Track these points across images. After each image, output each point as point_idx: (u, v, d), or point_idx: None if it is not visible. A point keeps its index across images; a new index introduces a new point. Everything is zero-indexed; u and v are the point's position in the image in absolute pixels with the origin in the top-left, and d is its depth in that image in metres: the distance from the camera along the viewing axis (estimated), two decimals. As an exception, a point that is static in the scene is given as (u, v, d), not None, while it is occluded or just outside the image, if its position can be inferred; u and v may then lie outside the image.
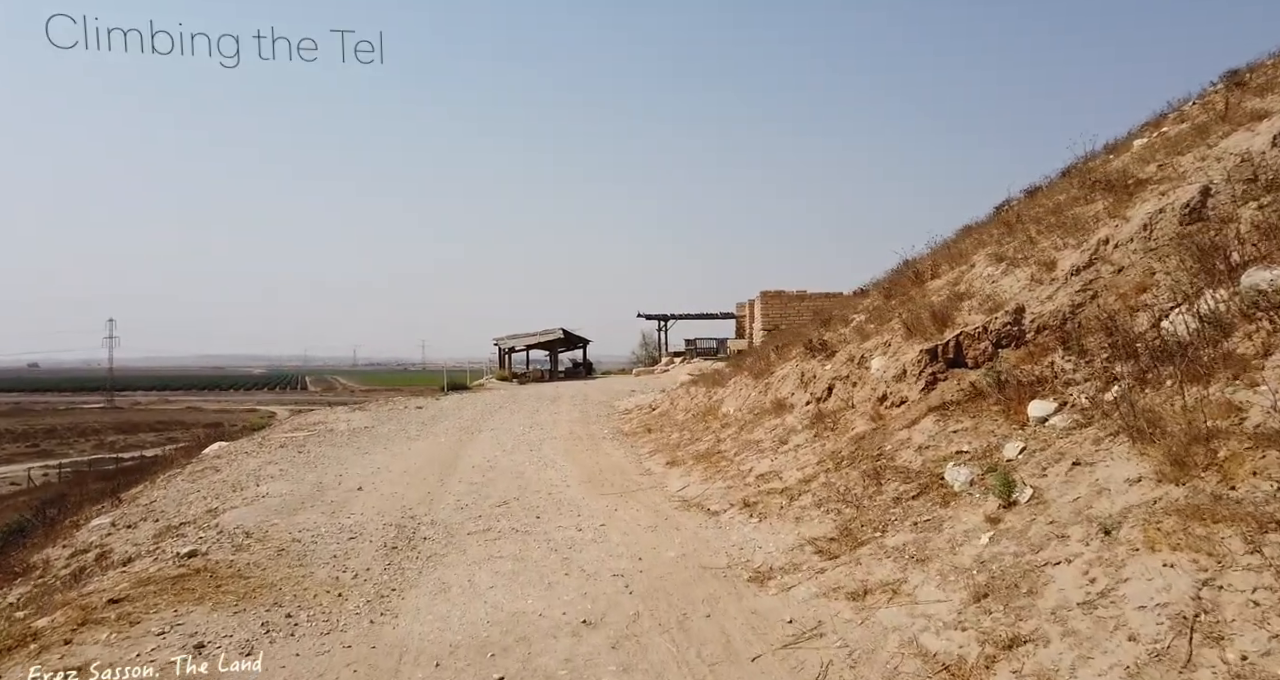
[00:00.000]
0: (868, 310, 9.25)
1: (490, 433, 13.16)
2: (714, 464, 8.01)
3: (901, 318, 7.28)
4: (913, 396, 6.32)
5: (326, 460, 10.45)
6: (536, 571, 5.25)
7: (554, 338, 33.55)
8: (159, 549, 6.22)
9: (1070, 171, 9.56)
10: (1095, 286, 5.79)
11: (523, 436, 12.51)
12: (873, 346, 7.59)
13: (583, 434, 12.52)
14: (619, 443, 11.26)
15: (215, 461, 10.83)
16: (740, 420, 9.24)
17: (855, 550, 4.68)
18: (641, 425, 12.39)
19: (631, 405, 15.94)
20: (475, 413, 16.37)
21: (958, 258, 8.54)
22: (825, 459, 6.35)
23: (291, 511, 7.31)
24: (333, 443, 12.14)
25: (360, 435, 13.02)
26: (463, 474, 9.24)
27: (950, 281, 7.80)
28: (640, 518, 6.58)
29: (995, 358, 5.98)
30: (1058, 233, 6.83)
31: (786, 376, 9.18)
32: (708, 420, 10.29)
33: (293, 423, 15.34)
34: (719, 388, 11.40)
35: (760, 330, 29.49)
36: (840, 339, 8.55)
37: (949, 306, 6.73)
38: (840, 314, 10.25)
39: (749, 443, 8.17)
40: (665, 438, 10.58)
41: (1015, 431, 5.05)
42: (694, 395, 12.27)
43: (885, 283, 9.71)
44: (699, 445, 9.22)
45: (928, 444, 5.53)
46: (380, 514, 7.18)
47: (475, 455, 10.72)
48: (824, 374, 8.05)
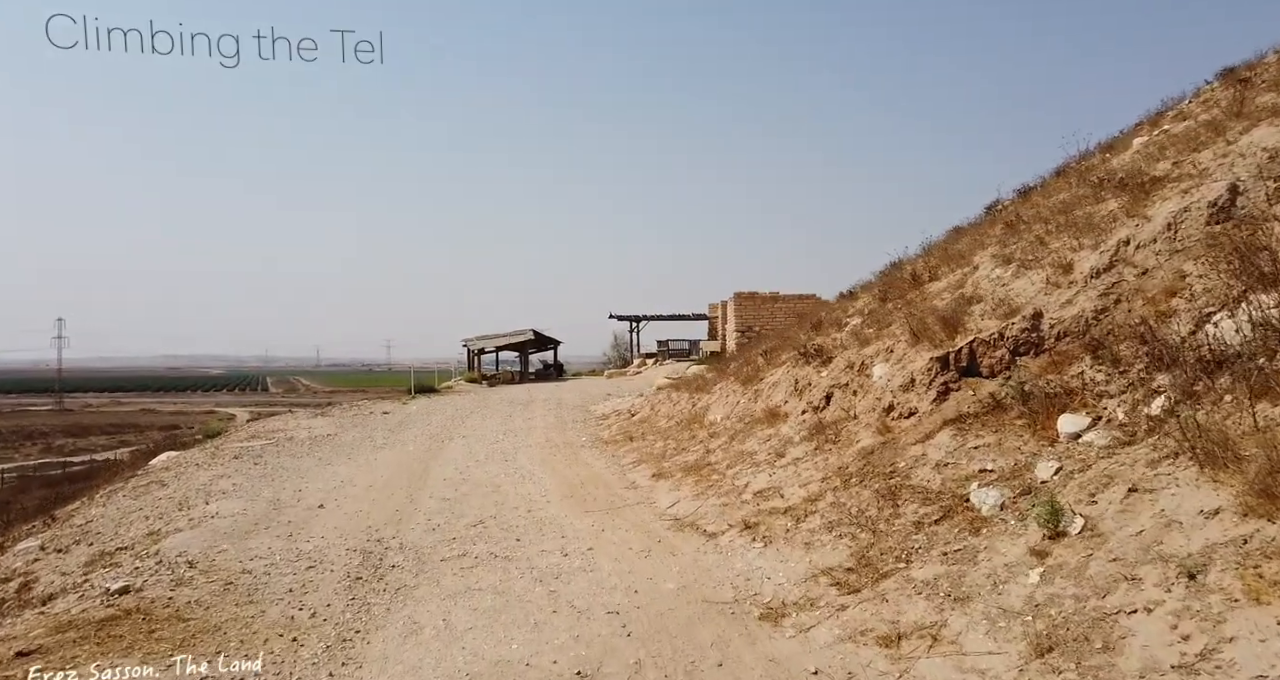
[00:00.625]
0: (862, 313, 8.84)
1: (462, 440, 12.47)
2: (705, 477, 7.50)
3: (905, 322, 6.85)
4: (923, 408, 5.88)
5: (285, 473, 9.68)
6: (520, 608, 4.66)
7: (524, 339, 32.79)
8: (87, 582, 5.47)
9: (1065, 171, 9.28)
10: (1119, 290, 5.42)
11: (496, 445, 11.86)
12: (874, 353, 7.15)
13: (560, 442, 11.92)
14: (599, 452, 10.69)
15: (163, 474, 9.98)
16: (730, 429, 8.75)
17: (878, 583, 4.20)
18: (621, 432, 11.83)
19: (609, 410, 15.37)
20: (445, 418, 15.64)
21: (956, 259, 8.17)
22: (831, 475, 5.88)
23: (243, 535, 6.59)
24: (293, 453, 11.34)
25: (322, 444, 12.22)
26: (434, 488, 8.58)
27: (953, 284, 7.40)
28: (631, 540, 6.03)
29: (1013, 366, 5.57)
30: (1069, 233, 6.47)
31: (778, 383, 8.71)
32: (693, 428, 9.78)
33: (250, 429, 14.44)
34: (703, 394, 10.91)
35: (734, 331, 29.16)
36: (836, 344, 8.11)
37: (958, 311, 6.32)
38: (832, 317, 9.83)
39: (742, 454, 7.68)
40: (649, 447, 10.04)
41: (1045, 449, 4.63)
42: (676, 401, 11.76)
43: (879, 285, 9.32)
44: (687, 456, 8.70)
45: (946, 461, 5.08)
46: (343, 537, 6.51)
47: (446, 466, 10.06)
48: (821, 381, 7.60)
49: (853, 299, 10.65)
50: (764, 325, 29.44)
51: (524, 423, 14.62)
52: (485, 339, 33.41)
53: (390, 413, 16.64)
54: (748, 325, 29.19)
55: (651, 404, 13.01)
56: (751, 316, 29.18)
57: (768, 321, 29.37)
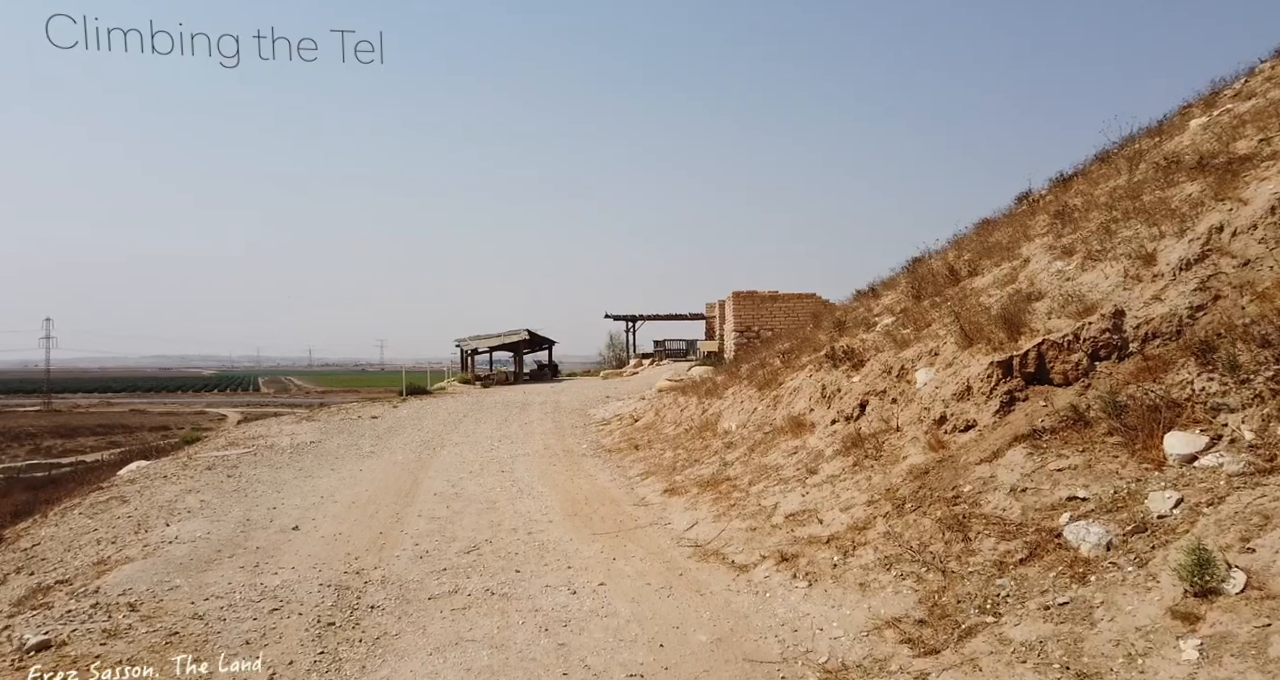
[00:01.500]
0: (892, 312, 8.05)
1: (454, 448, 11.63)
2: (725, 495, 6.69)
3: (954, 322, 6.05)
4: (984, 420, 5.09)
5: (260, 487, 8.82)
6: (523, 669, 3.84)
7: (519, 339, 31.93)
8: (7, 630, 4.60)
9: (1108, 157, 8.52)
10: (1216, 284, 4.64)
11: (491, 453, 11.02)
12: (915, 356, 6.36)
13: (559, 450, 11.10)
14: (602, 461, 9.88)
15: (126, 488, 9.10)
16: (748, 439, 7.94)
17: (962, 642, 3.40)
18: (625, 440, 11.02)
19: (609, 414, 14.55)
20: (437, 423, 14.79)
21: (998, 252, 7.39)
22: (879, 498, 5.08)
23: (202, 566, 5.74)
24: (271, 462, 10.48)
25: (304, 453, 11.35)
26: (423, 505, 7.75)
27: (1001, 279, 6.62)
28: (648, 572, 5.21)
29: (1092, 373, 4.79)
30: (1141, 220, 5.69)
31: (800, 389, 7.92)
32: (705, 437, 8.97)
33: (229, 436, 13.55)
34: (714, 399, 10.10)
35: (732, 331, 28.43)
36: (867, 346, 7.32)
37: (1017, 309, 5.53)
38: (857, 316, 9.04)
39: (765, 469, 6.87)
40: (657, 457, 9.23)
41: (1151, 474, 3.84)
42: (684, 406, 10.95)
43: (909, 281, 8.53)
44: (701, 469, 7.89)
45: (1023, 485, 4.29)
46: (317, 567, 5.67)
47: (437, 478, 9.22)
48: (853, 388, 6.80)
49: (874, 297, 9.86)
50: (763, 325, 28.73)
51: (520, 428, 13.79)
52: (479, 339, 32.54)
53: (379, 417, 15.77)
54: (746, 325, 28.47)
55: (656, 409, 12.20)
56: (750, 316, 28.46)
57: (767, 321, 28.66)
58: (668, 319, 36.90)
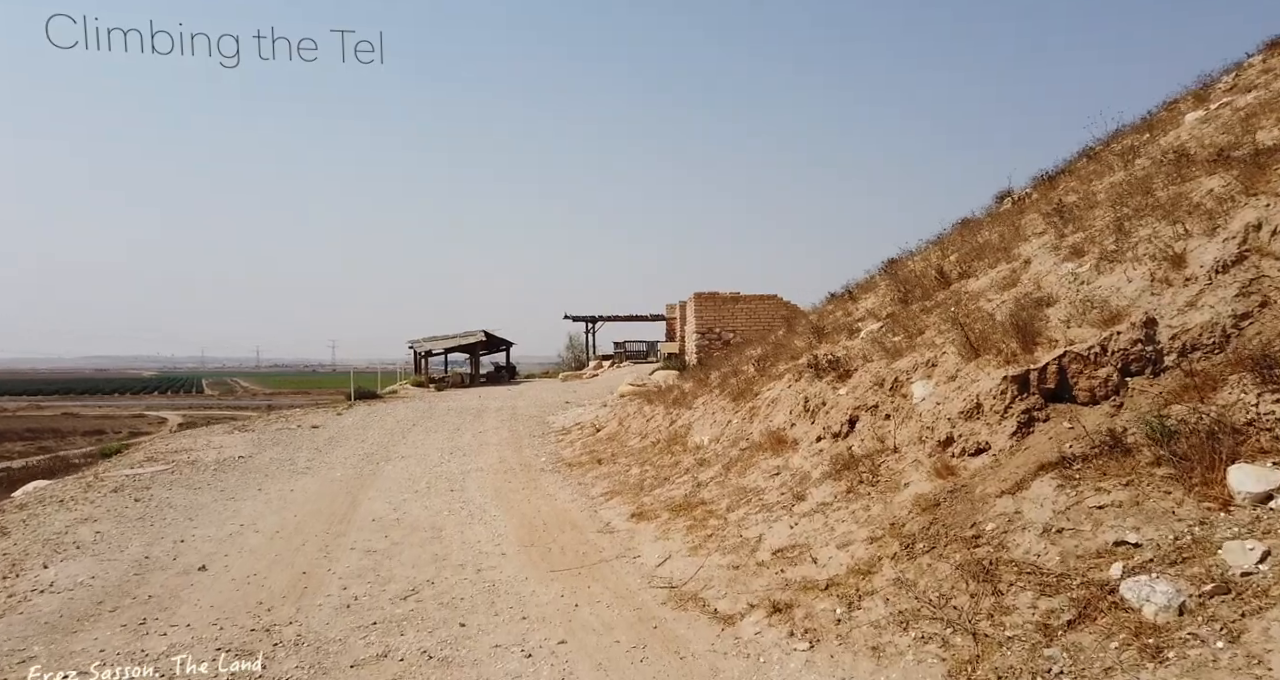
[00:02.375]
0: (877, 317, 7.42)
1: (400, 462, 10.64)
2: (700, 522, 5.94)
3: (954, 329, 5.42)
4: (999, 443, 4.44)
5: (171, 514, 7.72)
6: (460, 777, 3.00)
7: (475, 340, 30.74)
8: None
9: (1097, 154, 8.06)
10: (1261, 288, 4.08)
11: (441, 468, 10.08)
12: (910, 367, 5.71)
13: (515, 463, 10.21)
14: (562, 478, 9.03)
15: (13, 516, 7.87)
16: (722, 456, 7.21)
17: (1016, 738, 2.70)
18: (587, 452, 10.19)
19: (570, 422, 13.69)
20: (383, 433, 13.71)
21: (991, 253, 6.82)
22: (883, 534, 4.38)
23: (73, 625, 4.72)
24: (190, 482, 9.33)
25: (231, 469, 10.21)
26: (358, 535, 6.80)
27: (1000, 282, 6.02)
28: (616, 624, 4.42)
29: (1124, 390, 4.18)
30: (1158, 217, 5.15)
31: (779, 401, 7.22)
32: (675, 452, 8.22)
33: (149, 449, 12.24)
34: (682, 409, 9.36)
35: (694, 333, 27.90)
36: (852, 354, 6.66)
37: (1028, 316, 4.91)
38: (837, 321, 8.41)
39: (744, 492, 6.15)
40: (622, 473, 8.44)
41: (1216, 516, 3.22)
42: (650, 416, 10.18)
43: (891, 284, 7.92)
44: (671, 489, 7.13)
45: (1058, 525, 3.63)
46: (218, 623, 4.71)
47: (378, 500, 8.25)
48: (840, 401, 6.12)
49: (851, 300, 9.27)
50: (725, 327, 28.29)
51: (474, 438, 12.83)
52: (433, 340, 31.25)
53: (320, 427, 14.58)
54: (708, 327, 27.98)
55: (619, 418, 11.40)
56: (712, 318, 27.96)
57: (729, 323, 28.23)
58: (628, 320, 36.16)
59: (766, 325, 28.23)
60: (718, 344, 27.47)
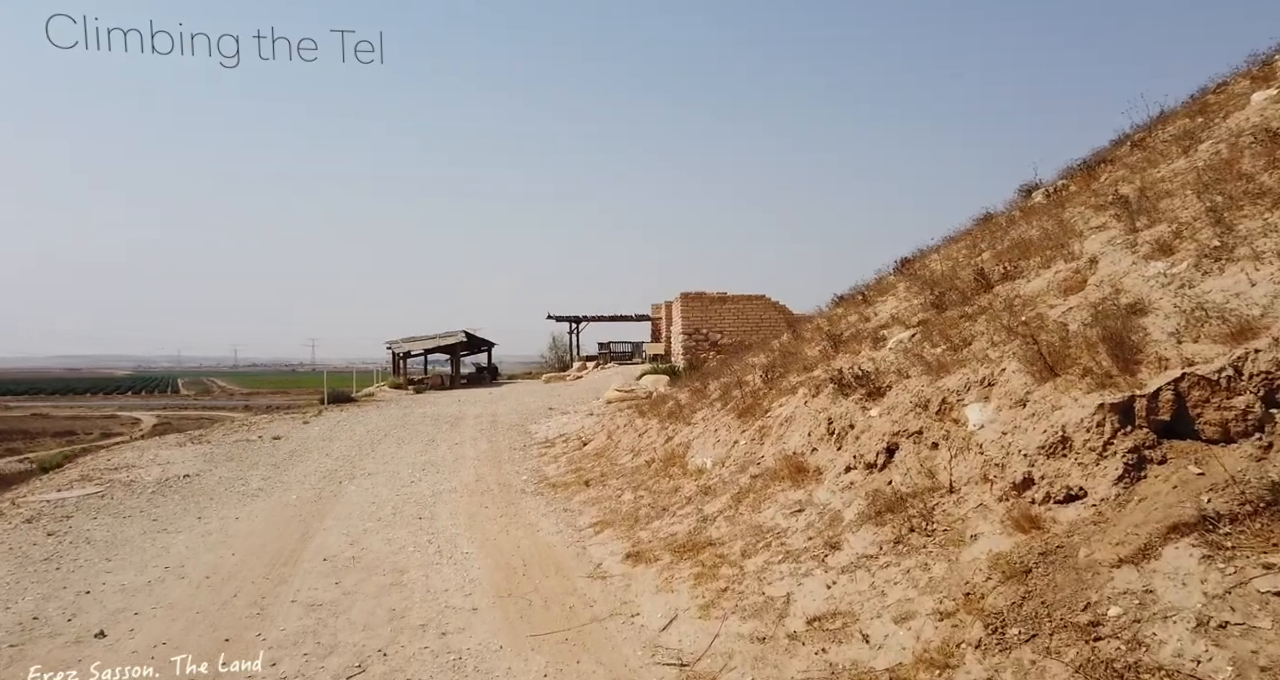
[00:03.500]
0: (904, 323, 6.44)
1: (366, 481, 9.51)
2: (710, 569, 4.92)
3: (1020, 341, 4.44)
4: (1099, 490, 3.47)
5: (86, 552, 6.55)
6: None
7: (455, 341, 29.52)
8: None
9: (1140, 141, 7.16)
10: None
11: (410, 488, 8.97)
12: (960, 385, 4.73)
13: (494, 483, 9.13)
14: (545, 502, 7.97)
15: (-99, 556, 6.65)
16: (730, 484, 6.20)
17: None
18: (573, 470, 9.13)
19: (554, 433, 12.61)
20: (351, 444, 12.54)
21: (1039, 249, 5.87)
22: (956, 608, 3.39)
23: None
24: (119, 509, 8.13)
25: (172, 491, 9.01)
26: (303, 581, 5.70)
27: (1061, 284, 5.06)
28: (613, 727, 3.38)
29: (1272, 426, 3.22)
30: (1265, 204, 4.21)
31: (794, 420, 6.23)
32: (673, 475, 7.19)
33: (87, 466, 10.96)
34: (679, 423, 8.33)
35: (680, 334, 26.98)
36: (882, 368, 5.67)
37: (1120, 326, 3.94)
38: (854, 328, 7.41)
39: (761, 532, 5.14)
40: (613, 499, 7.39)
41: None
42: (643, 430, 9.14)
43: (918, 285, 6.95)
44: (672, 523, 6.10)
45: (1218, 617, 2.66)
46: (99, 725, 3.61)
47: (335, 530, 7.15)
48: (873, 425, 5.13)
49: (865, 303, 8.29)
50: (712, 327, 27.47)
51: (450, 451, 11.72)
52: (412, 341, 29.99)
53: (283, 437, 13.35)
54: (695, 327, 27.12)
55: (608, 430, 10.35)
56: (699, 318, 27.08)
57: (716, 323, 27.42)
58: (612, 320, 35.09)
59: (755, 326, 27.40)
60: (705, 345, 26.59)
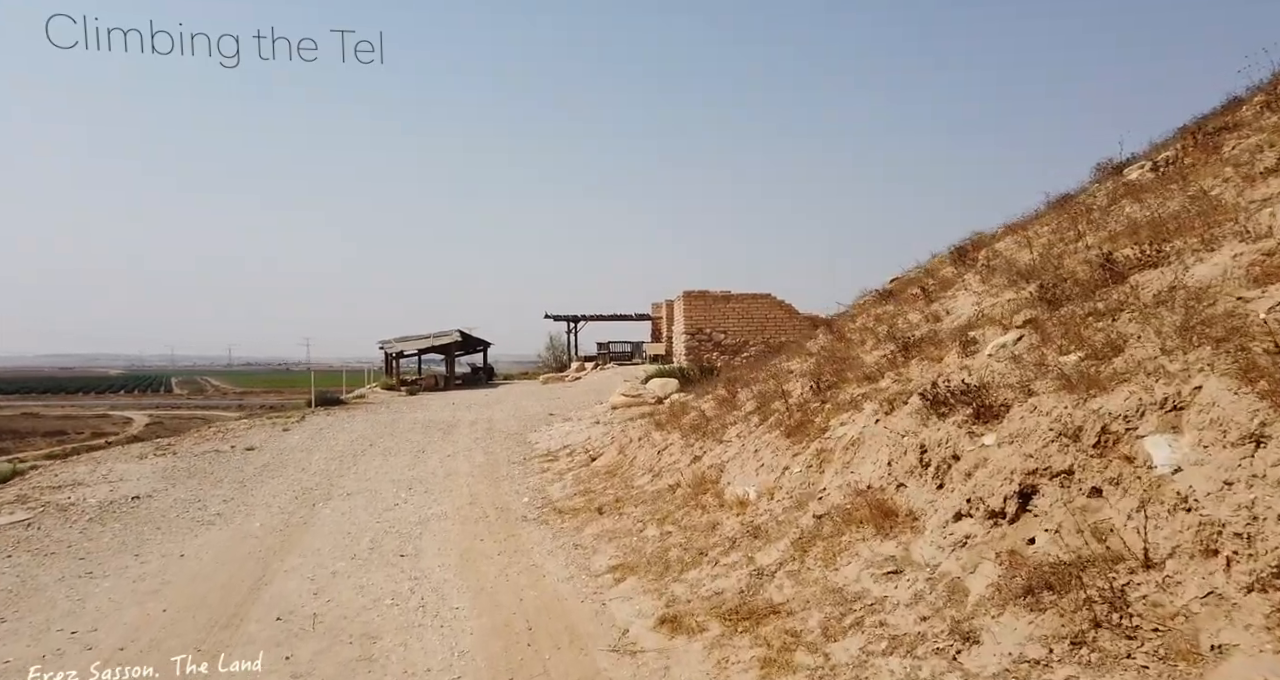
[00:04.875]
0: (1001, 323, 5.11)
1: (344, 503, 8.16)
2: (780, 655, 3.59)
3: (1219, 352, 3.13)
4: None
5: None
6: None
7: (450, 340, 28.10)
8: None
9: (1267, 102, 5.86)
10: None
11: (393, 513, 7.62)
12: (1127, 409, 3.42)
13: (490, 506, 7.78)
14: (552, 534, 6.62)
15: None
16: (787, 524, 4.86)
17: None
18: (581, 492, 7.79)
19: (556, 443, 11.25)
20: (331, 456, 11.16)
21: (1176, 229, 4.56)
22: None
23: None
24: (44, 544, 6.74)
25: (114, 518, 7.63)
26: (244, 651, 4.37)
27: (1246, 271, 3.75)
28: None
29: None
30: None
31: (864, 443, 4.90)
32: (706, 506, 5.85)
33: (28, 484, 9.53)
34: (707, 440, 6.98)
35: (682, 334, 25.72)
36: (991, 381, 4.36)
37: None
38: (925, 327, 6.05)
39: (844, 599, 3.81)
40: (633, 532, 6.06)
41: None
42: (662, 447, 7.80)
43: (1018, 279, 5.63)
44: (715, 574, 4.76)
45: None
46: None
47: (297, 572, 5.81)
48: (993, 458, 3.82)
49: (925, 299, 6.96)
50: (715, 327, 26.27)
51: (441, 464, 10.36)
52: (405, 341, 28.55)
53: (257, 448, 11.94)
54: (698, 327, 25.89)
55: (620, 444, 8.99)
56: (703, 318, 25.84)
57: (720, 323, 26.20)
58: (611, 320, 33.71)
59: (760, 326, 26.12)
60: (708, 345, 25.32)
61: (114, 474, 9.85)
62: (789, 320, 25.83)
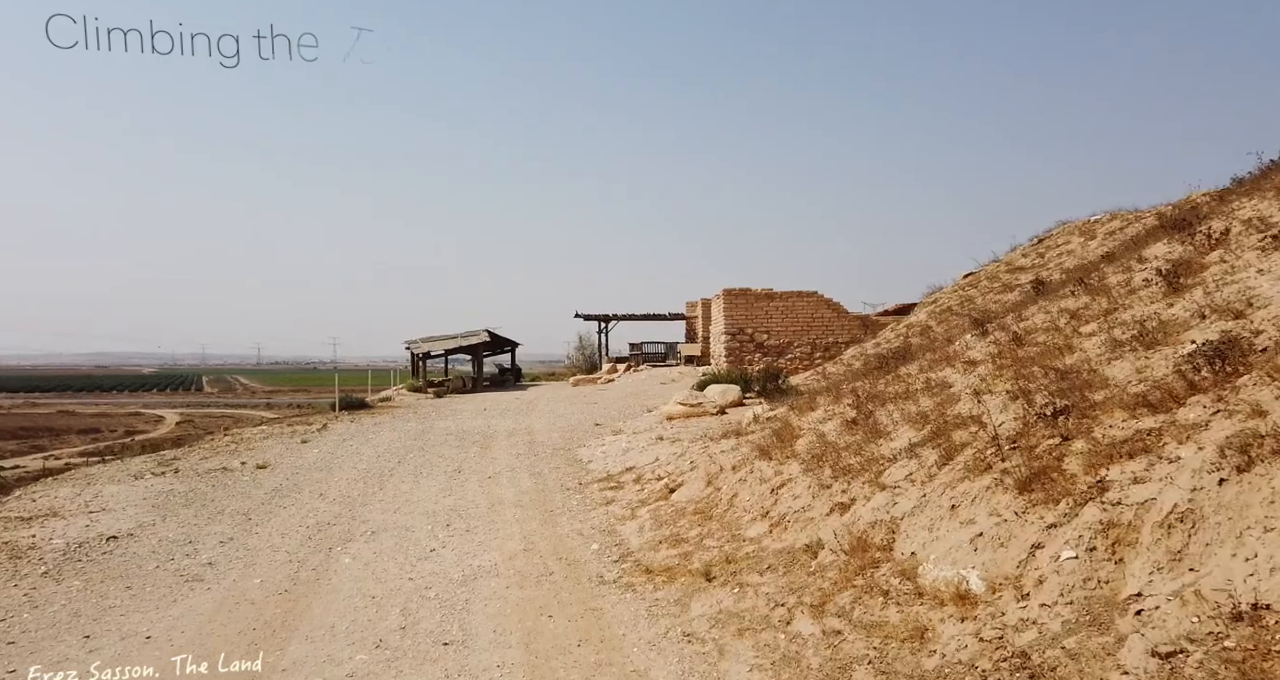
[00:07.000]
0: None
1: (366, 546, 6.31)
2: None
3: None
4: None
5: None
6: None
7: (478, 340, 26.35)
8: None
9: None
10: None
11: (429, 564, 5.74)
12: None
13: (551, 558, 5.86)
14: (647, 609, 4.67)
15: None
16: (1084, 657, 2.90)
17: None
18: (670, 542, 5.84)
19: (615, 463, 9.32)
20: (355, 476, 9.33)
21: None
22: None
23: None
24: (-29, 616, 4.95)
25: (75, 570, 5.82)
26: None
27: None
28: None
29: None
30: None
31: (1200, 517, 2.92)
32: (889, 592, 3.88)
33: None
34: (853, 481, 4.96)
35: (722, 334, 23.72)
36: None
37: None
38: (1226, 329, 4.02)
39: None
40: (772, 624, 4.10)
41: None
42: (775, 483, 5.83)
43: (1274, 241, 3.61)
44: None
45: None
46: None
47: (296, 674, 3.93)
48: None
49: (1136, 288, 4.94)
50: (758, 327, 24.23)
51: (481, 489, 8.48)
52: (432, 340, 26.84)
53: (270, 466, 10.14)
54: (739, 327, 23.86)
55: (708, 473, 7.03)
56: (744, 317, 23.80)
57: (763, 322, 24.16)
58: (644, 319, 31.73)
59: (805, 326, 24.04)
60: (750, 346, 23.33)
61: (99, 500, 8.09)
62: (837, 320, 23.75)
